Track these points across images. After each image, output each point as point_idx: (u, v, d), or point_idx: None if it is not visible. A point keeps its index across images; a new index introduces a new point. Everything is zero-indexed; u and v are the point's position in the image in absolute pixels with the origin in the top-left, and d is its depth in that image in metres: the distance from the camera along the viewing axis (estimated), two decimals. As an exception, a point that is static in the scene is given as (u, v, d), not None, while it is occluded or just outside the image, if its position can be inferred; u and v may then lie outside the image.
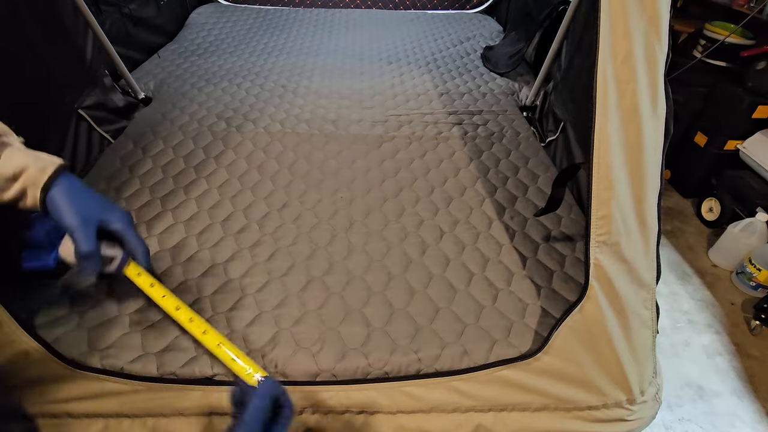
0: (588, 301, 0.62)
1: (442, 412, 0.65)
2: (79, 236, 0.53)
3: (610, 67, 0.58)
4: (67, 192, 0.53)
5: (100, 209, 0.56)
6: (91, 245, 0.54)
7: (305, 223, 0.90)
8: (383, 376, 0.66)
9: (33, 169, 0.51)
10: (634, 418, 0.67)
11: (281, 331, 0.70)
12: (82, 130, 1.08)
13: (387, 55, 1.71)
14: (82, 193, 0.55)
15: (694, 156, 1.69)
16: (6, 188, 0.52)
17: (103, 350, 0.65)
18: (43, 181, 0.52)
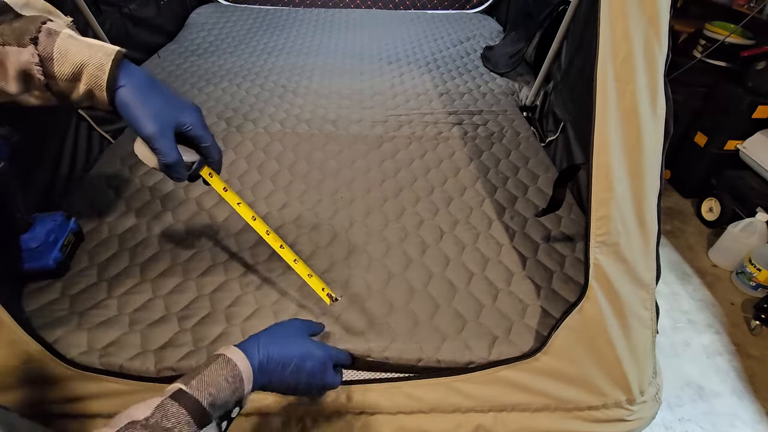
0: (587, 302, 0.62)
1: (442, 412, 0.65)
2: (160, 146, 0.48)
3: (610, 67, 0.58)
4: (135, 92, 0.47)
5: (174, 109, 0.50)
6: (174, 155, 0.50)
7: (305, 223, 0.90)
8: (383, 360, 0.66)
9: (91, 67, 0.45)
10: (634, 418, 0.67)
11: None
12: (82, 130, 1.08)
13: (387, 55, 1.71)
14: (151, 90, 0.49)
15: (694, 156, 1.69)
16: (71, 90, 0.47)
17: (103, 349, 0.65)
18: (105, 81, 0.46)
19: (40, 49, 0.44)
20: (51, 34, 0.45)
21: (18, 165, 0.67)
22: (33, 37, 0.44)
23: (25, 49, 0.44)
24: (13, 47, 0.44)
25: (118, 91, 0.47)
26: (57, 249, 0.74)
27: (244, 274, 0.79)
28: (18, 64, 0.44)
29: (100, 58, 0.45)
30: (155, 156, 0.49)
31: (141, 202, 0.93)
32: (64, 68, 0.45)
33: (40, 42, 0.44)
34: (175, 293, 0.75)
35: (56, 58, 0.45)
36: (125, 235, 0.85)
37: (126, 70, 0.47)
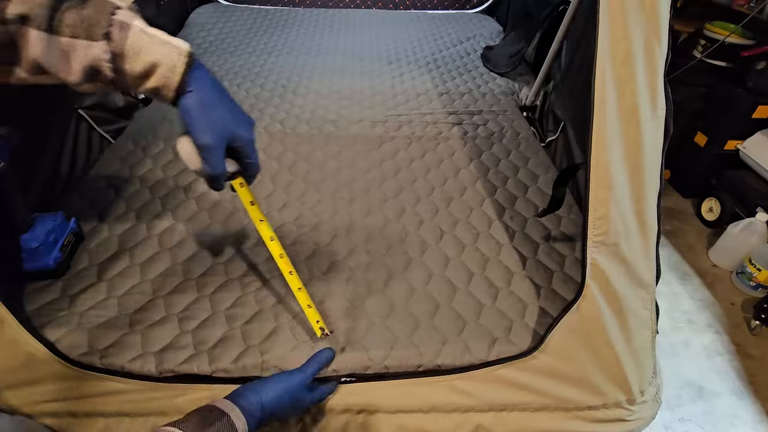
0: (584, 301, 0.62)
1: (441, 411, 0.65)
2: (210, 158, 0.48)
3: (610, 67, 0.58)
4: (201, 99, 0.46)
5: (232, 123, 0.49)
6: (222, 168, 0.49)
7: (305, 223, 0.90)
8: (383, 371, 0.66)
9: (164, 68, 0.44)
10: (634, 418, 0.67)
11: (280, 326, 0.70)
12: (82, 130, 1.08)
13: (387, 55, 1.71)
14: (216, 100, 0.48)
15: (694, 156, 1.69)
16: (138, 85, 0.45)
17: (103, 350, 0.65)
18: (176, 83, 0.45)
19: (112, 46, 0.41)
20: (123, 27, 0.42)
21: (18, 165, 0.67)
22: (105, 32, 0.41)
23: (96, 43, 0.41)
24: (82, 40, 0.41)
25: (186, 95, 0.46)
26: (57, 249, 0.75)
27: (244, 275, 0.79)
28: (86, 58, 0.41)
29: (173, 58, 0.44)
30: (200, 163, 0.48)
31: (141, 203, 0.93)
32: (136, 66, 0.43)
33: (112, 37, 0.41)
34: (176, 294, 0.75)
35: (128, 55, 0.42)
36: (125, 235, 0.85)
37: (196, 74, 0.46)
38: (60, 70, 0.42)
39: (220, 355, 0.65)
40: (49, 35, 0.40)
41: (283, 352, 0.66)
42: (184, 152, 0.49)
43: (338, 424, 0.64)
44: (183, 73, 0.44)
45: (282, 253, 0.60)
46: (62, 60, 0.41)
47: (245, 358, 0.65)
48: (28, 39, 0.40)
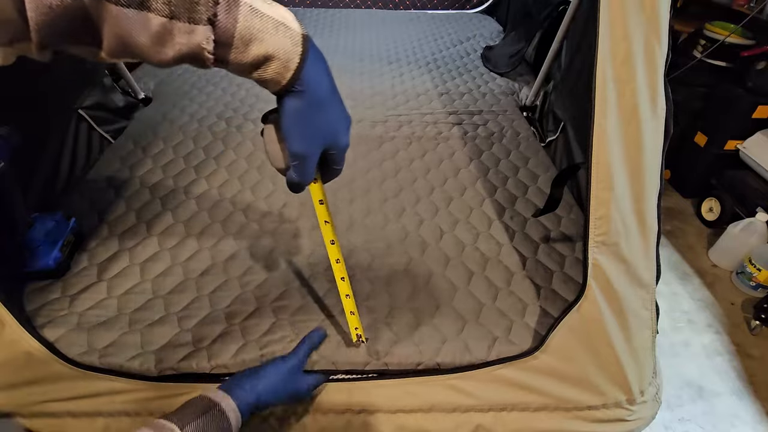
0: (586, 301, 0.62)
1: (442, 411, 0.65)
2: (301, 166, 0.42)
3: (610, 67, 0.58)
4: (308, 102, 0.40)
5: (334, 128, 0.43)
6: (311, 177, 0.44)
7: (305, 223, 0.90)
8: (382, 368, 0.66)
9: (276, 62, 0.37)
10: (634, 418, 0.67)
11: (280, 321, 0.70)
12: (82, 130, 1.08)
13: (387, 55, 1.71)
14: (324, 103, 0.41)
15: (694, 156, 1.69)
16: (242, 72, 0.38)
17: (102, 349, 0.65)
18: (286, 80, 0.38)
19: (218, 33, 0.34)
20: (231, 6, 0.33)
21: (18, 165, 0.67)
22: (212, 14, 0.33)
23: (199, 28, 0.33)
24: (183, 23, 0.32)
25: (292, 94, 0.39)
26: (57, 249, 0.75)
27: (244, 274, 0.79)
28: (186, 46, 0.33)
29: (287, 49, 0.36)
30: (285, 163, 0.43)
31: (141, 202, 0.93)
32: (244, 58, 0.35)
33: (218, 20, 0.33)
34: (175, 293, 0.75)
35: (237, 45, 0.35)
36: (125, 235, 0.85)
37: (309, 69, 0.38)
38: (150, 55, 0.33)
39: (218, 351, 0.65)
40: (137, 12, 0.31)
41: (282, 346, 0.66)
42: (270, 147, 0.43)
43: (339, 424, 0.64)
44: (296, 69, 0.37)
45: (339, 258, 0.58)
46: (155, 44, 0.33)
47: (244, 353, 0.65)
48: (108, 17, 0.30)
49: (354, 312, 0.63)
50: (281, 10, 0.37)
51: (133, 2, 0.30)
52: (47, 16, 0.29)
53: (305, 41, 0.37)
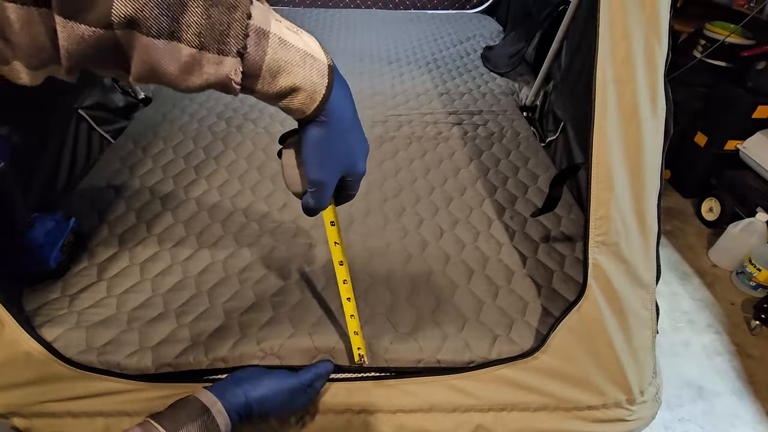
0: (586, 301, 0.62)
1: (442, 411, 0.65)
2: (319, 193, 0.42)
3: (610, 67, 0.58)
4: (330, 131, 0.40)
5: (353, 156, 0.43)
6: (327, 204, 0.44)
7: (305, 222, 0.90)
8: (382, 365, 0.66)
9: (302, 94, 0.37)
10: (634, 418, 0.67)
11: (278, 315, 0.70)
12: (82, 130, 1.08)
13: (387, 55, 1.71)
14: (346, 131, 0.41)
15: (694, 156, 1.69)
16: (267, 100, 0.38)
17: (101, 347, 0.65)
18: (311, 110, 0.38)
19: (247, 65, 0.34)
20: (260, 37, 0.33)
21: (18, 165, 0.67)
22: (241, 47, 0.33)
23: (228, 59, 0.33)
24: (213, 54, 0.32)
25: (315, 123, 0.39)
26: (57, 249, 0.75)
27: (243, 271, 0.79)
28: (214, 76, 0.33)
29: (314, 80, 0.37)
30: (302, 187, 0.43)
31: (141, 203, 0.93)
32: (271, 88, 0.36)
33: (248, 52, 0.33)
34: (174, 291, 0.75)
35: (264, 76, 0.35)
36: (125, 235, 0.85)
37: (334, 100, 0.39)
38: (177, 83, 0.33)
39: (216, 345, 0.65)
40: (168, 42, 0.31)
41: (281, 340, 0.66)
42: (288, 171, 0.43)
43: (339, 424, 0.64)
44: (321, 100, 0.38)
45: (346, 279, 0.57)
46: (183, 73, 0.33)
47: (242, 347, 0.65)
48: (138, 46, 0.31)
49: (357, 332, 0.62)
50: (308, 39, 0.38)
51: (164, 33, 0.30)
52: (79, 45, 0.30)
53: (331, 72, 0.38)
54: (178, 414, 0.49)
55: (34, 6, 0.28)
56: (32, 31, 0.29)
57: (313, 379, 0.61)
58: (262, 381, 0.57)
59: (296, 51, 0.36)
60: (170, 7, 0.30)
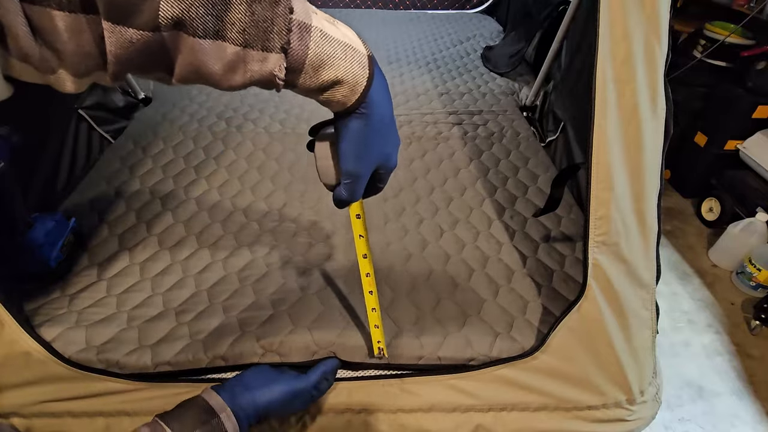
0: (586, 301, 0.62)
1: (442, 411, 0.65)
2: (353, 185, 0.43)
3: (610, 67, 0.58)
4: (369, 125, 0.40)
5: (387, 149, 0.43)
6: (359, 197, 0.45)
7: (305, 222, 0.90)
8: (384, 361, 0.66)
9: (344, 87, 0.37)
10: (634, 418, 0.67)
11: (277, 313, 0.70)
12: (82, 130, 1.08)
13: (387, 55, 1.71)
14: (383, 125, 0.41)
15: (694, 156, 1.69)
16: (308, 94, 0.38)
17: (101, 346, 0.65)
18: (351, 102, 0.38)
19: (290, 60, 0.34)
20: (303, 31, 0.34)
21: (18, 165, 0.67)
22: (285, 43, 0.33)
23: (272, 55, 0.33)
24: (257, 51, 0.33)
25: (354, 115, 0.39)
26: (57, 249, 0.75)
27: (242, 269, 0.79)
28: (258, 73, 0.34)
29: (356, 72, 0.37)
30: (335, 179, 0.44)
31: (141, 203, 0.93)
32: (314, 82, 0.36)
33: (291, 48, 0.33)
34: (174, 290, 0.75)
35: (307, 70, 0.35)
36: (125, 235, 0.85)
37: (373, 92, 0.39)
38: (221, 81, 0.34)
39: (215, 343, 0.65)
40: (213, 42, 0.31)
41: (280, 337, 0.66)
42: (322, 162, 0.44)
43: (339, 423, 0.64)
44: (362, 92, 0.37)
45: (369, 272, 0.57)
46: (227, 72, 0.33)
47: (241, 344, 0.65)
48: (183, 47, 0.31)
49: (378, 326, 0.62)
50: (347, 30, 0.38)
51: (209, 33, 0.31)
52: (127, 50, 0.30)
53: (371, 63, 0.38)
54: (186, 415, 0.49)
55: (82, 13, 0.29)
56: (80, 38, 0.29)
57: (320, 379, 0.60)
58: (272, 387, 0.57)
59: (338, 43, 0.36)
60: (215, 5, 0.30)
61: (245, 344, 0.65)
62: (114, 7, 0.28)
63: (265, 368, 0.61)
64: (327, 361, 0.63)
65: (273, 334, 0.66)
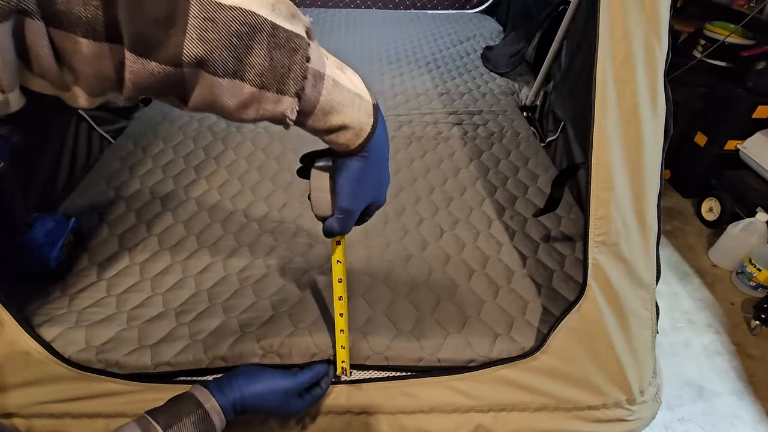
0: (586, 301, 0.62)
1: (442, 412, 0.65)
2: (346, 219, 0.45)
3: (610, 67, 0.58)
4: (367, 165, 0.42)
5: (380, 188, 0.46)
6: (349, 229, 0.47)
7: (306, 222, 0.90)
8: (383, 362, 0.66)
9: (349, 132, 0.39)
10: (634, 418, 0.67)
11: (278, 314, 0.70)
12: (82, 130, 1.08)
13: (387, 55, 1.71)
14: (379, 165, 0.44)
15: (694, 156, 1.69)
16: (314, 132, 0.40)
17: (100, 346, 0.65)
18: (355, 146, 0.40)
19: (302, 104, 0.36)
20: (317, 80, 0.36)
21: (18, 165, 0.67)
22: (299, 89, 0.35)
23: (286, 98, 0.35)
24: (272, 93, 0.34)
25: (357, 158, 0.41)
26: (57, 249, 0.74)
27: (243, 270, 0.79)
28: (270, 113, 0.35)
29: (362, 120, 0.39)
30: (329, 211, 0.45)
31: (141, 203, 0.93)
32: (321, 125, 0.38)
33: (305, 93, 0.35)
34: (174, 290, 0.75)
35: (317, 114, 0.37)
36: (125, 235, 0.85)
37: (376, 138, 0.41)
38: (232, 115, 0.35)
39: (215, 343, 0.65)
40: (231, 81, 0.33)
41: (280, 338, 0.66)
42: (317, 194, 0.45)
43: (339, 424, 0.64)
44: (365, 138, 0.40)
45: (342, 296, 0.58)
46: (240, 108, 0.35)
47: (241, 345, 0.65)
48: (202, 82, 0.32)
49: (345, 347, 0.62)
50: (354, 77, 0.40)
51: (229, 72, 0.32)
52: (147, 80, 0.31)
53: (376, 111, 0.40)
54: (173, 409, 0.50)
55: (107, 42, 0.29)
56: (100, 63, 0.30)
57: (311, 380, 0.60)
58: (258, 378, 0.57)
59: (347, 92, 0.38)
60: (237, 48, 0.31)
61: (245, 345, 0.65)
62: (139, 41, 0.29)
63: (255, 365, 0.62)
64: (319, 366, 0.62)
65: (273, 335, 0.66)
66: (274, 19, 0.33)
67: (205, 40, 0.30)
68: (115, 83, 0.31)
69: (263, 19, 0.32)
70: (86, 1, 0.28)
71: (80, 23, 0.28)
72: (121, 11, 0.28)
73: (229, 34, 0.31)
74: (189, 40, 0.30)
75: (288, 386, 0.58)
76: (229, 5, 0.30)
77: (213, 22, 0.30)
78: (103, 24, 0.29)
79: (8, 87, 0.28)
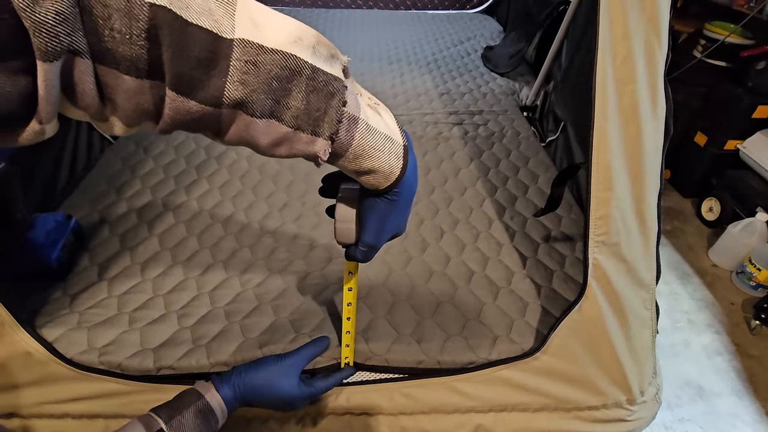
0: (586, 301, 0.63)
1: (442, 412, 0.65)
2: (369, 252, 0.46)
3: (610, 67, 0.58)
4: (393, 207, 0.43)
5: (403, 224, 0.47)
6: (370, 259, 0.48)
7: (306, 222, 0.90)
8: (383, 364, 0.66)
9: (379, 175, 0.39)
10: (634, 419, 0.68)
11: (280, 319, 0.70)
12: (83, 130, 1.08)
13: (387, 56, 1.71)
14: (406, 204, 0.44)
15: (694, 156, 1.69)
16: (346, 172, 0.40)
17: (102, 348, 0.65)
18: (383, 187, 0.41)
19: (335, 147, 0.36)
20: (351, 124, 0.36)
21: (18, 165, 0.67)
22: (333, 132, 0.35)
23: (319, 140, 0.35)
24: (306, 134, 0.35)
25: (385, 198, 0.42)
26: (58, 249, 0.75)
27: (244, 272, 0.79)
28: (302, 152, 0.36)
29: (392, 163, 0.39)
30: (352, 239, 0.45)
31: (142, 203, 0.93)
32: (351, 166, 0.38)
33: (338, 137, 0.36)
34: (176, 291, 0.75)
35: (348, 156, 0.38)
36: (126, 235, 0.85)
37: (405, 180, 0.41)
38: (264, 151, 0.36)
39: (218, 349, 0.65)
40: (267, 121, 0.33)
41: (282, 344, 0.66)
42: (342, 225, 0.45)
43: (339, 425, 0.64)
44: (395, 181, 0.40)
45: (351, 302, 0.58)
46: (273, 146, 0.35)
47: (244, 351, 0.65)
48: (238, 121, 0.33)
49: (349, 344, 0.62)
50: (387, 116, 0.40)
51: (266, 113, 0.33)
52: (184, 116, 0.31)
53: (406, 153, 0.40)
54: (175, 403, 0.51)
55: (148, 79, 0.30)
56: (140, 98, 0.31)
57: (312, 354, 0.61)
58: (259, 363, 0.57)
59: (379, 136, 0.38)
60: (276, 92, 0.32)
61: (248, 351, 0.65)
62: (181, 81, 0.30)
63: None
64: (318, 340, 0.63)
65: (275, 341, 0.66)
66: (314, 62, 0.33)
67: (245, 83, 0.31)
68: (153, 116, 0.32)
69: (304, 62, 0.32)
70: (132, 41, 0.28)
71: (124, 60, 0.28)
72: (165, 51, 0.29)
73: (269, 77, 0.31)
74: (230, 82, 0.30)
75: (286, 364, 0.58)
76: (272, 48, 0.31)
77: (254, 66, 0.30)
78: (146, 62, 0.29)
79: (47, 119, 0.29)
